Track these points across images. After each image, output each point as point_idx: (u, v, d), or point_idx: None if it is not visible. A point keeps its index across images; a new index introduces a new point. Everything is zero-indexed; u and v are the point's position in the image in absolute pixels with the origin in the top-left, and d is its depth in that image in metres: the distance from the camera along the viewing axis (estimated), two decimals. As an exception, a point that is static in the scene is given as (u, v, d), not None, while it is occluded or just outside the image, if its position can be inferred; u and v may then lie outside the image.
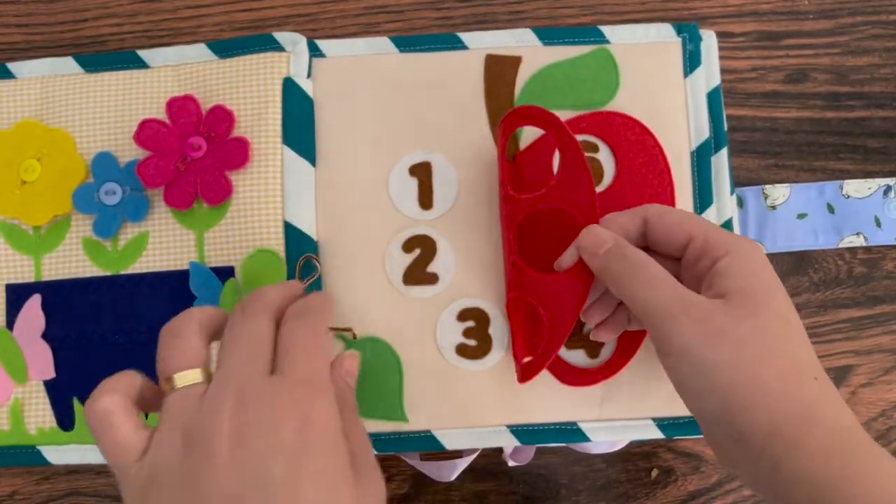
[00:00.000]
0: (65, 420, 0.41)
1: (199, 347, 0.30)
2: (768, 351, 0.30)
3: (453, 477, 0.41)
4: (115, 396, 0.29)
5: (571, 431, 0.40)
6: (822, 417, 0.29)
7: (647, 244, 0.36)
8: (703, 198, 0.41)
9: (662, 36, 0.43)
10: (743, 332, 0.31)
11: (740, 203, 0.44)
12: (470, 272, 0.40)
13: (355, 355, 0.35)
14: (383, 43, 0.43)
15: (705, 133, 0.42)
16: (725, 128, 0.42)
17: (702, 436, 0.40)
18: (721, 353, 0.30)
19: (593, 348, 0.40)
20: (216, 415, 0.27)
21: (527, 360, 0.39)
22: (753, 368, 0.30)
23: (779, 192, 0.44)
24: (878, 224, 0.44)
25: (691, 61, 0.42)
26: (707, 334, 0.31)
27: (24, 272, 0.42)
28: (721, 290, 0.32)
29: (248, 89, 0.42)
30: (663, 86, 0.42)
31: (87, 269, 0.42)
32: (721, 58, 0.43)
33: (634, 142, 0.41)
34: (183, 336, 0.30)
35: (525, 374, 0.38)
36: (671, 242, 0.35)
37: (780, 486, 0.29)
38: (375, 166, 0.42)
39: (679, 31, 0.43)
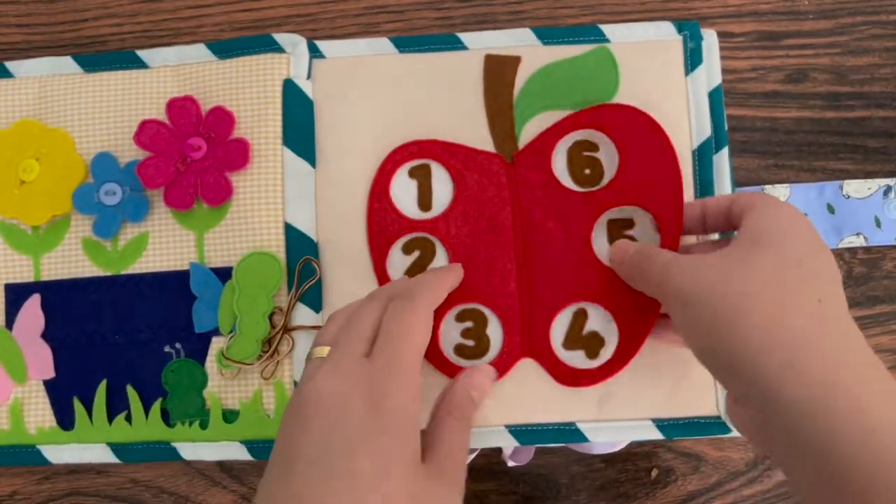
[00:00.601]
0: (64, 419, 0.41)
1: (334, 332, 0.34)
2: (762, 279, 0.30)
3: (453, 477, 0.41)
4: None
5: (570, 432, 0.40)
6: (818, 339, 0.28)
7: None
8: (705, 197, 0.41)
9: (663, 34, 0.43)
10: (734, 265, 0.31)
11: (740, 203, 0.44)
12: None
13: (489, 372, 0.37)
14: (383, 44, 0.43)
15: (707, 131, 0.42)
16: (726, 128, 0.42)
17: (702, 436, 0.40)
18: (707, 281, 0.31)
19: (592, 349, 0.40)
20: (310, 385, 0.31)
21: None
22: (742, 290, 0.30)
23: (779, 192, 0.44)
24: (878, 224, 0.44)
25: (692, 59, 0.42)
26: (694, 271, 0.32)
27: (23, 272, 0.42)
28: (729, 245, 0.33)
29: (247, 90, 0.42)
30: (664, 84, 0.42)
31: (86, 269, 0.42)
32: (721, 58, 0.43)
33: (638, 133, 0.40)
34: (329, 321, 0.35)
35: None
36: (721, 212, 0.36)
37: (779, 423, 0.28)
38: (375, 167, 0.42)
39: (680, 30, 0.43)
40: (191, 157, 0.41)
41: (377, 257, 0.41)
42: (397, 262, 0.41)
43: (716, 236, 0.40)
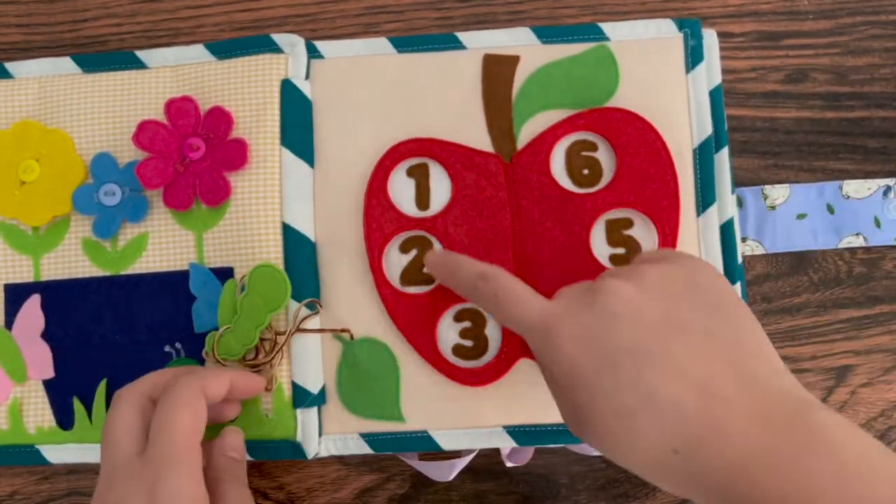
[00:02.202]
0: (64, 419, 0.41)
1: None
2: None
3: (452, 476, 0.41)
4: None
5: (569, 432, 0.40)
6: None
7: None
8: (706, 195, 0.41)
9: (663, 32, 0.43)
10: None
11: (740, 203, 0.44)
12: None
13: (238, 431, 0.37)
14: (381, 44, 0.43)
15: (708, 130, 0.41)
16: (726, 127, 0.42)
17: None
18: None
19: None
20: (94, 499, 0.33)
21: None
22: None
23: (778, 193, 0.44)
24: (878, 224, 0.44)
25: (693, 57, 0.42)
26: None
27: (23, 272, 0.42)
28: None
29: (246, 91, 0.42)
30: (664, 82, 0.42)
31: (86, 269, 0.42)
32: (721, 58, 0.43)
33: (635, 137, 0.41)
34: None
35: None
36: None
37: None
38: (373, 167, 0.42)
39: (680, 27, 0.42)
40: (189, 158, 0.41)
41: (374, 255, 0.41)
42: (394, 260, 0.41)
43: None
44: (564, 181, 0.41)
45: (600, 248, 0.40)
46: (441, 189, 0.41)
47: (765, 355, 0.29)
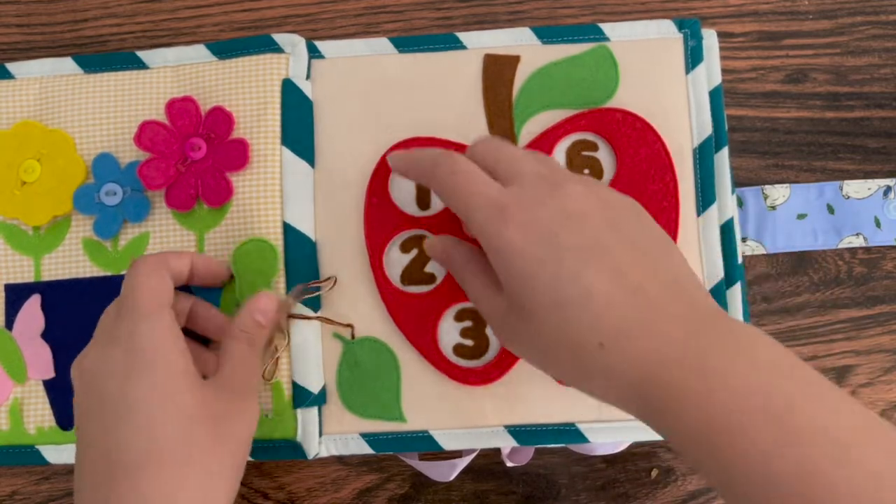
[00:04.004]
0: (64, 420, 0.41)
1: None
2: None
3: (452, 477, 0.41)
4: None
5: (570, 432, 0.40)
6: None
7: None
8: (706, 195, 0.41)
9: (663, 32, 0.43)
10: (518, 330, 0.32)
11: (740, 203, 0.44)
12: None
13: (271, 297, 0.37)
14: (382, 44, 0.43)
15: (707, 130, 0.41)
16: (726, 127, 0.42)
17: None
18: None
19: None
20: (74, 369, 0.35)
21: None
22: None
23: (778, 193, 0.44)
24: (878, 224, 0.44)
25: (693, 57, 0.42)
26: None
27: (23, 272, 0.42)
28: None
29: (247, 91, 0.42)
30: (664, 82, 0.42)
31: (87, 269, 0.42)
32: (721, 58, 0.43)
33: (635, 138, 0.41)
34: None
35: None
36: None
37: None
38: (374, 166, 0.42)
39: (680, 28, 0.42)
40: (191, 158, 0.41)
41: (375, 255, 0.41)
42: (395, 259, 0.41)
43: None
44: (565, 181, 0.41)
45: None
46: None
47: (691, 276, 0.31)
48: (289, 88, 0.42)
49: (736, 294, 0.40)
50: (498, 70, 0.42)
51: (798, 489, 0.24)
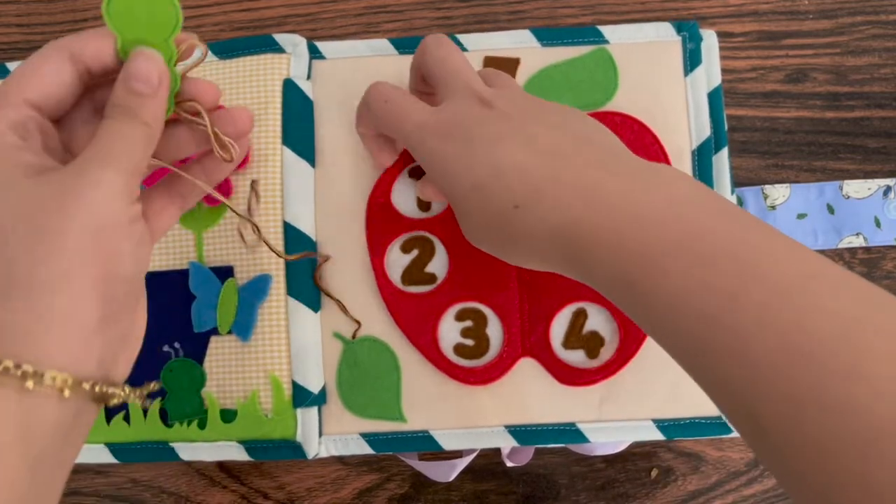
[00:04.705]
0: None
1: None
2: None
3: (452, 477, 0.41)
4: None
5: (570, 432, 0.40)
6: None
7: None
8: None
9: (662, 35, 0.43)
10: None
11: (740, 203, 0.44)
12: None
13: (153, 56, 0.29)
14: (382, 44, 0.43)
15: (706, 131, 0.42)
16: (726, 128, 0.42)
17: (703, 436, 0.40)
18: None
19: (592, 348, 0.40)
20: None
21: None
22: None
23: (778, 193, 0.44)
24: (878, 224, 0.44)
25: (691, 60, 0.42)
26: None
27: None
28: None
29: (247, 90, 0.42)
30: (663, 84, 0.42)
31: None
32: (721, 58, 0.43)
33: (633, 140, 0.41)
34: None
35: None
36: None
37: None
38: (374, 167, 0.42)
39: (679, 30, 0.43)
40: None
41: (376, 255, 0.41)
42: (395, 259, 0.41)
43: None
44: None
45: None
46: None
47: (619, 143, 0.33)
48: (290, 88, 0.42)
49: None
50: (498, 71, 0.42)
51: (701, 307, 0.25)
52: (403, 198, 0.42)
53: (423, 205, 0.41)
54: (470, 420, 0.40)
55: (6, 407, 0.24)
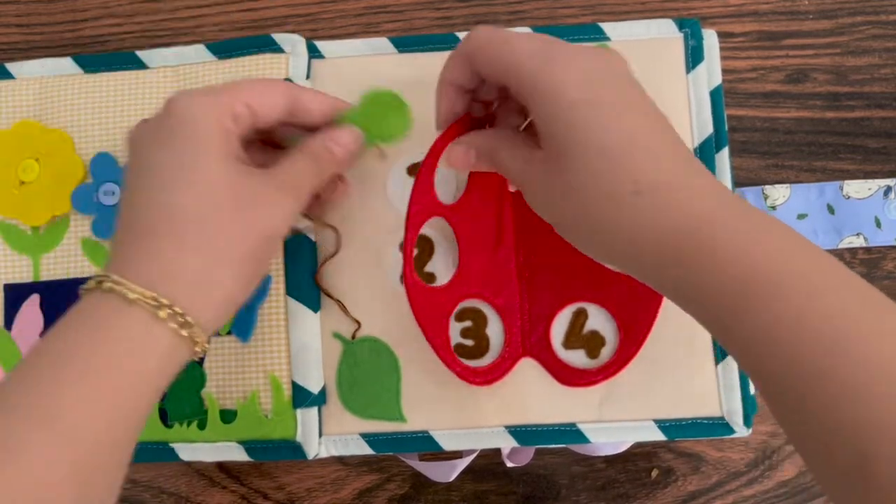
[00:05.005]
0: (64, 420, 0.41)
1: None
2: (579, 204, 0.31)
3: (452, 477, 0.41)
4: None
5: (570, 433, 0.40)
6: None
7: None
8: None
9: (663, 32, 0.43)
10: (555, 187, 0.31)
11: (740, 203, 0.44)
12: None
13: (356, 133, 0.35)
14: (382, 43, 0.43)
15: (708, 129, 0.41)
16: (726, 128, 0.42)
17: (704, 437, 0.40)
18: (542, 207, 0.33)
19: (593, 349, 0.40)
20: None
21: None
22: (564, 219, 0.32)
23: (779, 193, 0.44)
24: (878, 225, 0.44)
25: (693, 57, 0.42)
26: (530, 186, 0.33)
27: (22, 272, 0.42)
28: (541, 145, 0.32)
29: (247, 90, 0.42)
30: (665, 82, 0.42)
31: (85, 269, 0.42)
32: (721, 58, 0.43)
33: None
34: None
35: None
36: (495, 85, 0.34)
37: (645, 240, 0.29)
38: (373, 167, 0.42)
39: (681, 27, 0.42)
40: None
41: (409, 242, 0.39)
42: (395, 260, 0.41)
43: None
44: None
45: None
46: (441, 187, 0.41)
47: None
48: (289, 88, 0.42)
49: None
50: (498, 70, 0.42)
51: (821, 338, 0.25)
52: (401, 196, 0.41)
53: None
54: (470, 420, 0.40)
55: (162, 340, 0.29)
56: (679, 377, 0.40)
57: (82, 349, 0.28)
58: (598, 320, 0.40)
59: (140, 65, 0.43)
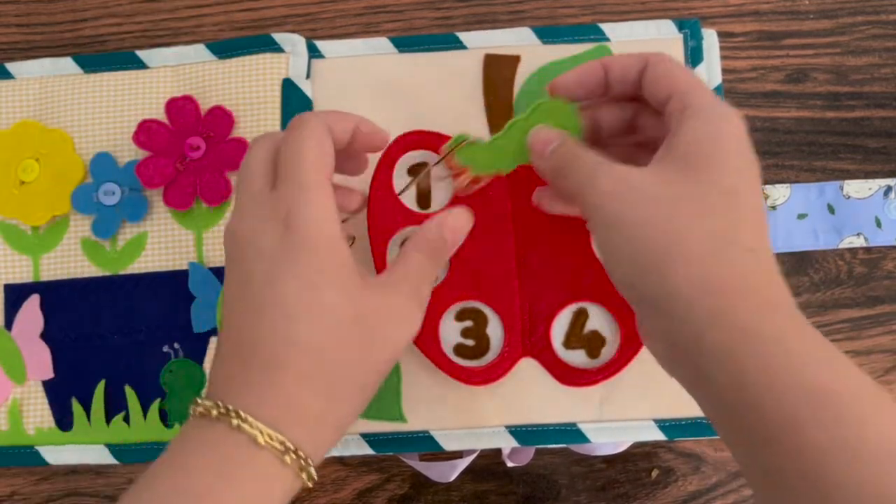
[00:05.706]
0: (63, 420, 0.41)
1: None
2: (694, 214, 0.28)
3: (452, 477, 0.41)
4: None
5: (571, 432, 0.40)
6: (749, 289, 0.27)
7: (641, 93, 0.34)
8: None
9: (663, 33, 0.43)
10: (664, 192, 0.28)
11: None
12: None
13: (467, 216, 0.35)
14: (382, 43, 0.43)
15: (707, 129, 0.41)
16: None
17: (704, 437, 0.40)
18: (636, 210, 0.29)
19: (593, 348, 0.40)
20: (224, 234, 0.32)
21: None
22: (671, 227, 0.28)
23: (779, 193, 0.44)
24: (879, 224, 0.44)
25: (693, 57, 0.42)
26: (622, 191, 0.29)
27: (22, 272, 0.42)
28: (662, 155, 0.30)
29: (247, 90, 0.42)
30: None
31: (85, 269, 0.42)
32: (721, 58, 0.43)
33: None
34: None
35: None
36: (656, 96, 0.32)
37: (701, 364, 0.27)
38: (373, 167, 0.42)
39: (680, 28, 0.42)
40: (190, 157, 0.41)
41: (378, 251, 0.40)
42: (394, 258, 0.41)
43: None
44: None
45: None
46: (441, 186, 0.41)
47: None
48: (289, 88, 0.42)
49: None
50: (498, 70, 0.42)
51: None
52: (402, 196, 0.41)
53: (423, 203, 0.41)
54: (470, 420, 0.40)
55: (286, 483, 0.29)
56: (679, 377, 0.40)
57: (214, 490, 0.28)
58: (599, 320, 0.40)
59: (140, 64, 0.43)
